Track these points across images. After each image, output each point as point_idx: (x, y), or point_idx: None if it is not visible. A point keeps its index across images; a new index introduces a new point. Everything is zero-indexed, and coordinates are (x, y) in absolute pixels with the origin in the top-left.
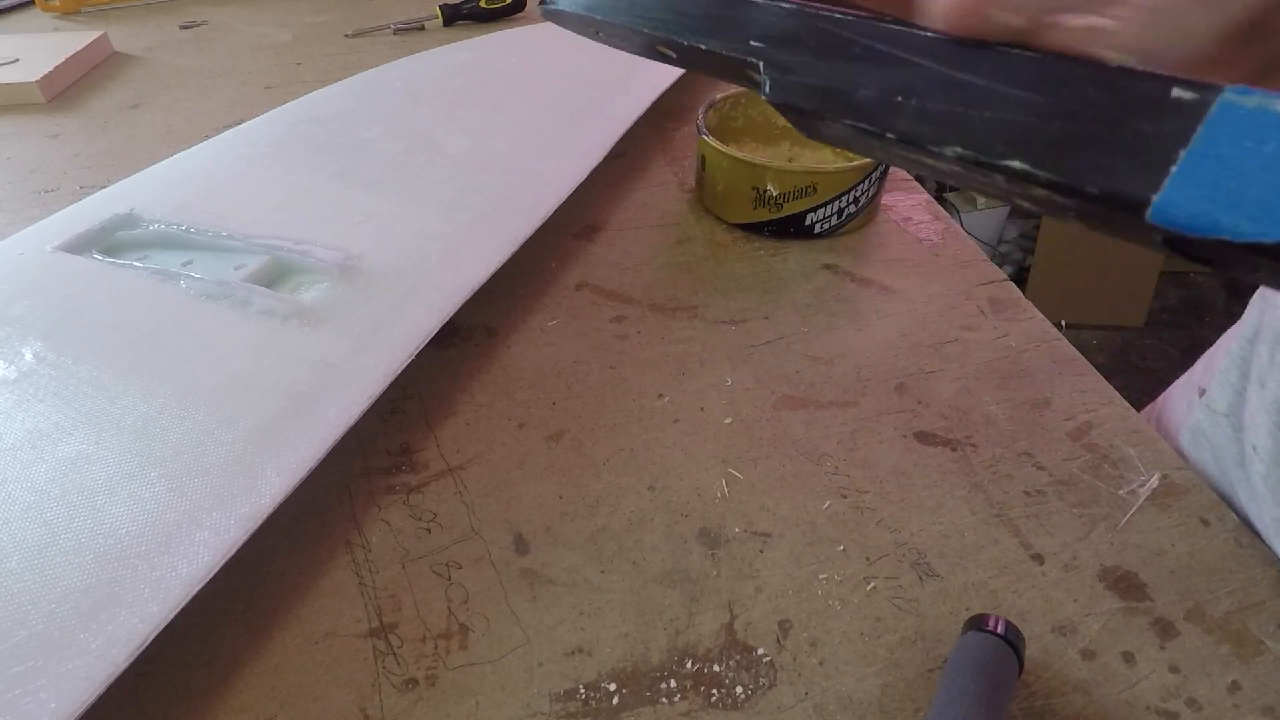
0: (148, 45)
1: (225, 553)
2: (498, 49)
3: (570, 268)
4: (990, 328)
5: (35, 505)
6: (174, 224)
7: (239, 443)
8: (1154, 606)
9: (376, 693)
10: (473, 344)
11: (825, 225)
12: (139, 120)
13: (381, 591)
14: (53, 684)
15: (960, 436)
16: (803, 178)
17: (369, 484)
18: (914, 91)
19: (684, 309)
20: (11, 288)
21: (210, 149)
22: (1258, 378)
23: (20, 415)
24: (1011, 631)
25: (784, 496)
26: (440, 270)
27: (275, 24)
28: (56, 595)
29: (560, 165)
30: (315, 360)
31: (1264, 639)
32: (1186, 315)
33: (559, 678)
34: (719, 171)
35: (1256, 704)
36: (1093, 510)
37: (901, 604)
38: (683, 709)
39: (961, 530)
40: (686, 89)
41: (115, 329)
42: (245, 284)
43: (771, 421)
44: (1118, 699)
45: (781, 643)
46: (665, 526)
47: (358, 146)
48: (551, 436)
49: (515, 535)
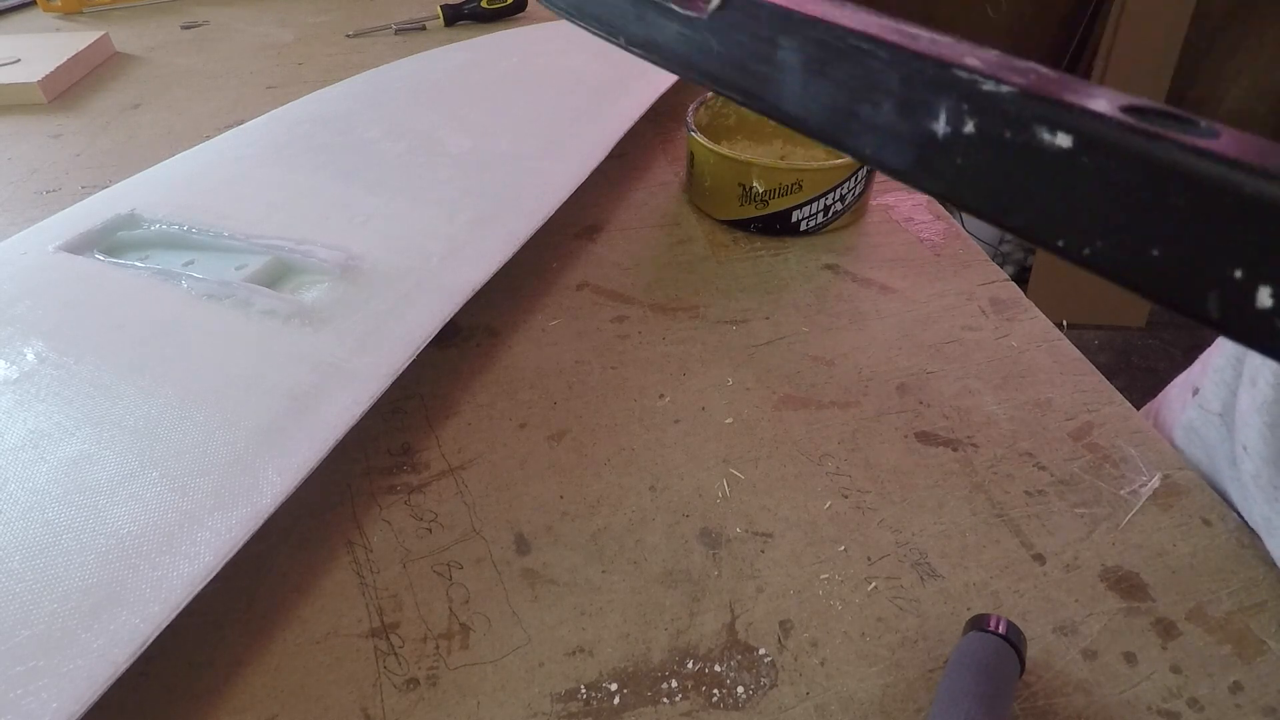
0: (149, 45)
1: (226, 553)
2: (499, 49)
3: (571, 268)
4: (991, 328)
5: (37, 505)
6: (175, 224)
7: (240, 442)
8: (1155, 607)
9: (378, 693)
10: (474, 344)
11: (811, 222)
12: (140, 120)
13: (383, 591)
14: (54, 684)
15: (961, 436)
16: (788, 175)
17: (370, 484)
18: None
19: (685, 309)
20: (13, 288)
21: (212, 149)
22: (1249, 377)
23: (22, 415)
24: (1013, 631)
25: (785, 496)
26: (441, 270)
27: (277, 24)
28: (58, 595)
29: (561, 165)
30: (316, 360)
31: (1266, 639)
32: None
33: (560, 678)
34: (706, 168)
35: (1258, 704)
36: (1094, 510)
37: (903, 604)
38: (684, 709)
39: (963, 530)
40: (687, 89)
41: (117, 329)
42: (247, 284)
43: (773, 421)
44: (1119, 699)
45: (783, 643)
46: (666, 526)
47: (359, 146)
48: (553, 436)
49: (516, 535)
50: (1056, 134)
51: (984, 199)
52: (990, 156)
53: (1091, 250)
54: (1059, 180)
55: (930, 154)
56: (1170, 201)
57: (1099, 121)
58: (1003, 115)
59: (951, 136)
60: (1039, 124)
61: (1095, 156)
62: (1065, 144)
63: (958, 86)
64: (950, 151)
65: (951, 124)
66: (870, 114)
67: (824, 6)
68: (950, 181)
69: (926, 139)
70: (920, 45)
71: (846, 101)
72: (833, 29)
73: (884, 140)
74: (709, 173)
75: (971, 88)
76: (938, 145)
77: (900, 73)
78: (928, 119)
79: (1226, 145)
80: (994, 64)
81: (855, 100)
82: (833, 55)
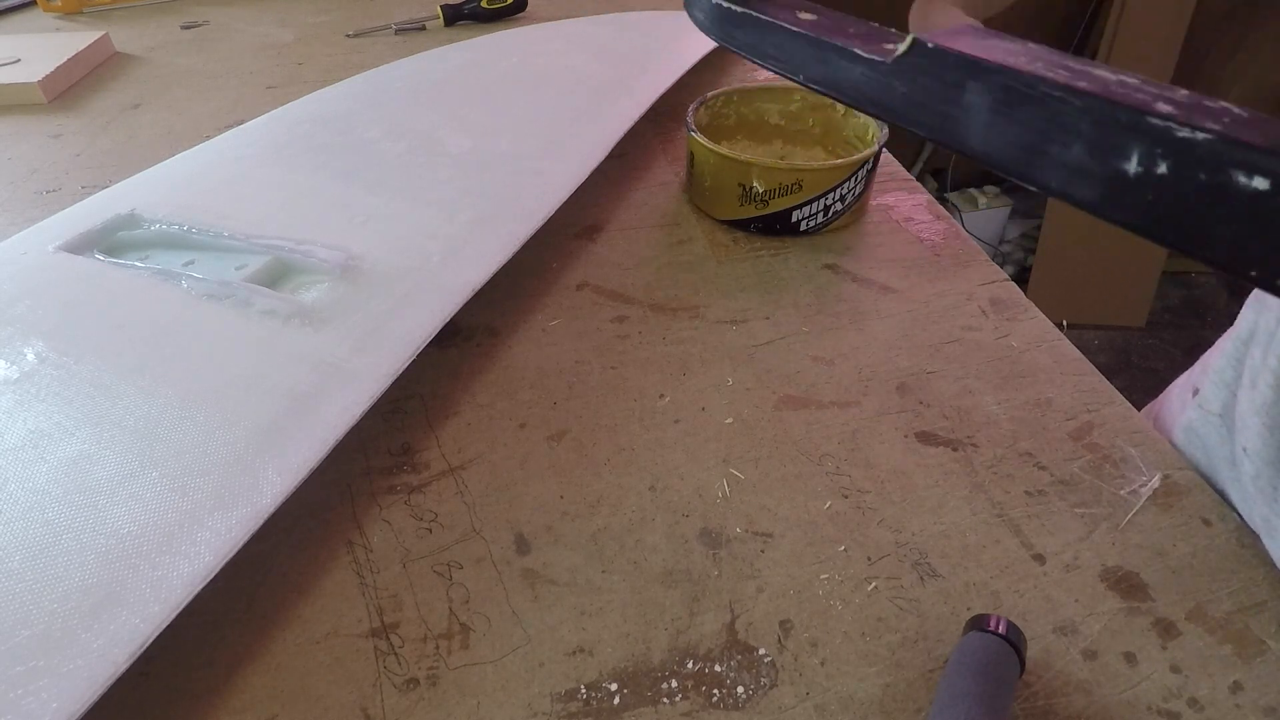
0: (149, 45)
1: (227, 553)
2: (499, 49)
3: (571, 268)
4: (991, 328)
5: (37, 505)
6: (175, 224)
7: (240, 442)
8: (1155, 607)
9: (378, 692)
10: (474, 344)
11: (812, 222)
12: (140, 120)
13: (383, 591)
14: (55, 683)
15: (961, 436)
16: (788, 174)
17: (370, 484)
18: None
19: (685, 309)
20: (13, 288)
21: (212, 149)
22: (1249, 379)
23: (22, 415)
24: (1013, 631)
25: (785, 496)
26: (441, 270)
27: (277, 24)
28: (58, 595)
29: (561, 165)
30: (317, 360)
31: (1266, 639)
32: (1188, 315)
33: (560, 678)
34: (706, 168)
35: (1258, 704)
36: (1094, 510)
37: (903, 604)
38: (684, 709)
39: (963, 530)
40: (688, 89)
41: (117, 329)
42: (247, 284)
43: (773, 421)
44: (1119, 699)
45: (783, 643)
46: (666, 526)
47: (359, 147)
48: (553, 436)
49: (516, 535)
50: (1254, 178)
51: (1176, 233)
52: (1184, 195)
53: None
54: (1257, 218)
55: (1120, 191)
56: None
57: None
58: (1198, 160)
59: (1144, 176)
60: (1235, 169)
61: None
62: (1262, 186)
63: (1151, 132)
64: (1141, 189)
65: (1144, 165)
66: (1060, 153)
67: (1006, 56)
68: (1141, 215)
69: (1117, 177)
70: (1112, 91)
71: (1035, 141)
72: (1020, 76)
73: (1072, 176)
74: (709, 173)
75: (1166, 134)
76: (1129, 183)
77: (1092, 118)
78: (1119, 160)
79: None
80: (1187, 107)
81: (1044, 140)
82: (1021, 100)
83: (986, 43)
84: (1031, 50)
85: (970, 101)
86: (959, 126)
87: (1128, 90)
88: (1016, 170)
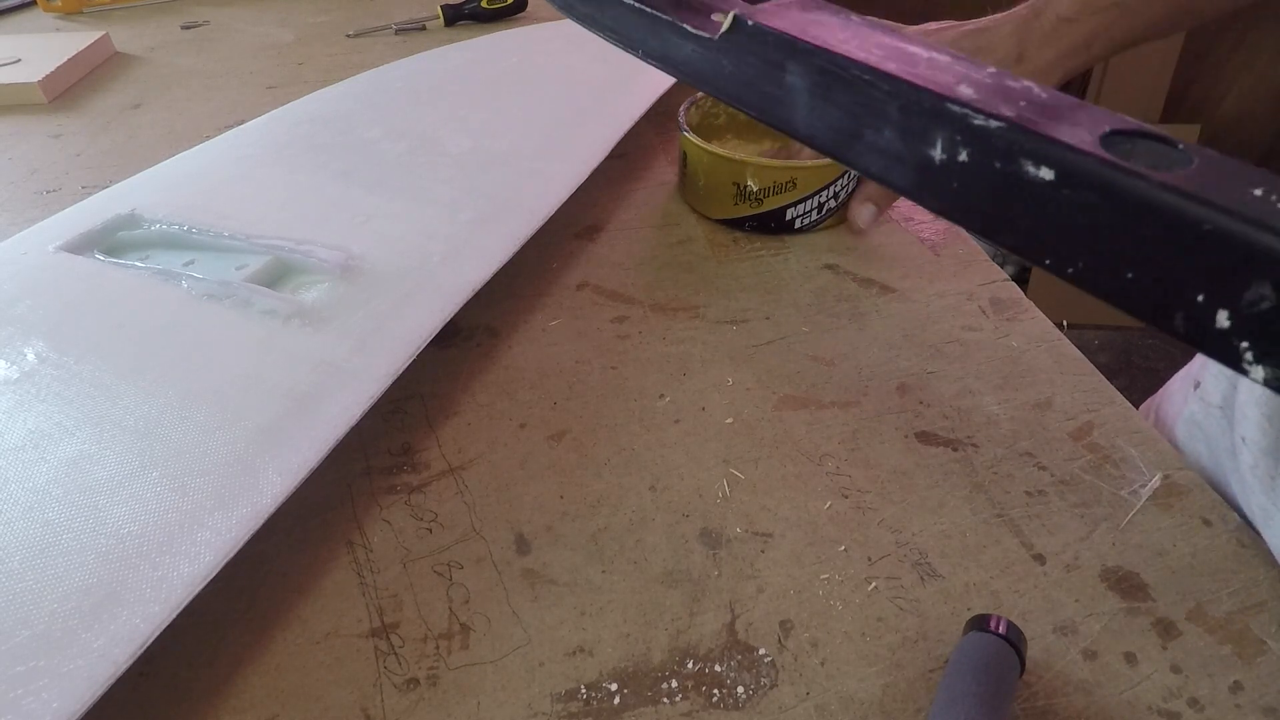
0: (149, 45)
1: (227, 552)
2: (499, 49)
3: (571, 268)
4: (992, 328)
5: (37, 505)
6: (176, 224)
7: (240, 442)
8: (1156, 607)
9: (378, 692)
10: (474, 344)
11: (806, 220)
12: (141, 120)
13: (383, 591)
14: (55, 683)
15: (962, 437)
16: (782, 173)
17: (370, 484)
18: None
19: (685, 309)
20: (13, 288)
21: (212, 149)
22: None
23: (22, 415)
24: (1013, 631)
25: (785, 497)
26: (442, 270)
27: (277, 24)
28: (58, 595)
29: (562, 165)
30: (317, 360)
31: (1266, 639)
32: None
33: (560, 678)
34: (700, 167)
35: (1258, 704)
36: (1094, 510)
37: (903, 604)
38: (684, 709)
39: (963, 530)
40: (688, 89)
41: (117, 329)
42: (247, 284)
43: (773, 421)
44: (1119, 699)
45: (783, 643)
46: (666, 526)
47: (359, 147)
48: (553, 436)
49: (516, 535)
50: (1040, 168)
51: (978, 220)
52: (983, 183)
53: (1074, 269)
54: (1044, 207)
55: (930, 177)
56: (1140, 231)
57: (1078, 156)
58: (992, 148)
59: (948, 163)
60: (1025, 158)
61: (1074, 189)
62: (1048, 176)
63: (951, 119)
64: (948, 176)
65: (947, 152)
66: (874, 137)
67: (827, 34)
68: (949, 202)
69: (926, 163)
70: (918, 73)
71: (852, 124)
72: (834, 58)
73: (888, 161)
74: (703, 172)
75: (964, 121)
76: (936, 169)
77: (899, 103)
78: (926, 146)
79: (1195, 175)
80: (987, 91)
81: (860, 124)
82: (836, 82)
83: (812, 16)
84: (853, 25)
85: (791, 83)
86: (784, 108)
87: (934, 71)
88: (839, 154)
